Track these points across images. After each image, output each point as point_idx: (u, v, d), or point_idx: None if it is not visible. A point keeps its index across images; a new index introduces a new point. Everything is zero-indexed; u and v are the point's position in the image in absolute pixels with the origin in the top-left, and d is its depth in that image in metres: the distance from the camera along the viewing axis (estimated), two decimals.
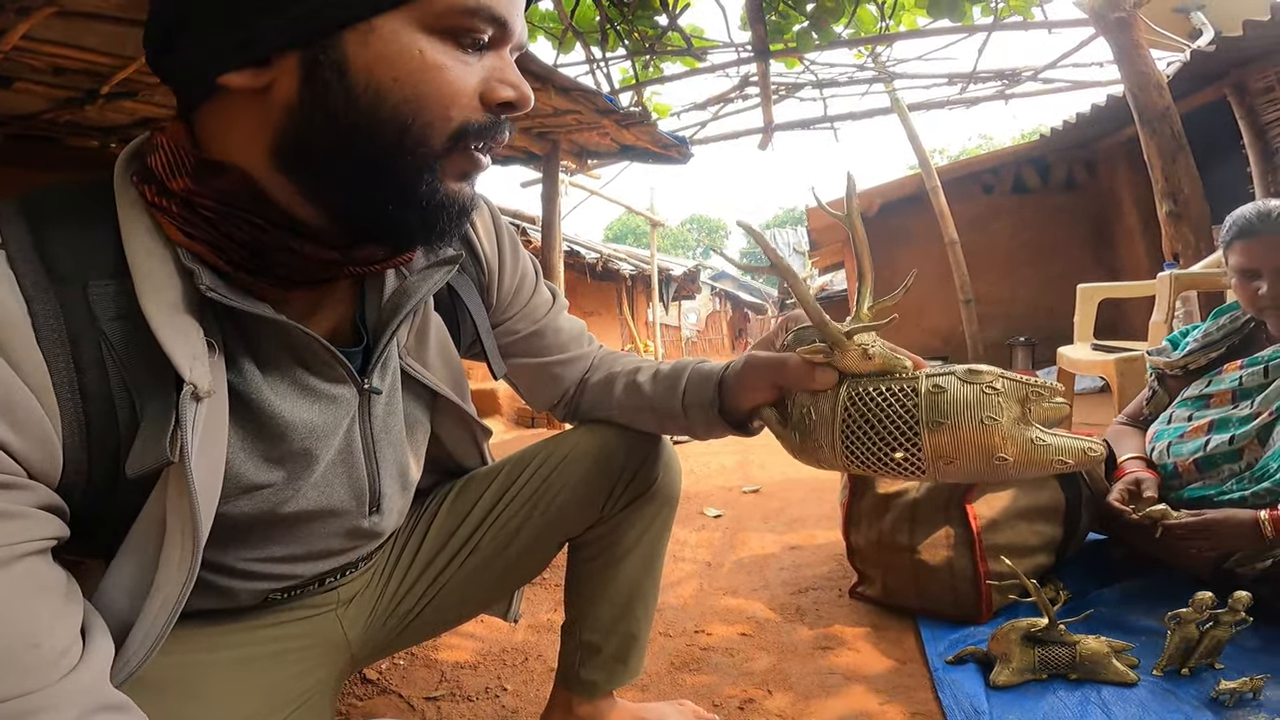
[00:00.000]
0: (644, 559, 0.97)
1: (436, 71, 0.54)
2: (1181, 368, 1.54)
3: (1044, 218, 5.97)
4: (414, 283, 0.70)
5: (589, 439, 0.92)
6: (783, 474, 2.98)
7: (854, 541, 1.55)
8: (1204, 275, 2.37)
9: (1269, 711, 0.98)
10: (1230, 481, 1.33)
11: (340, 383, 0.67)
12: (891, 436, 0.64)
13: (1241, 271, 1.40)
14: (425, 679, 1.28)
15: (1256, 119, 3.76)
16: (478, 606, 0.98)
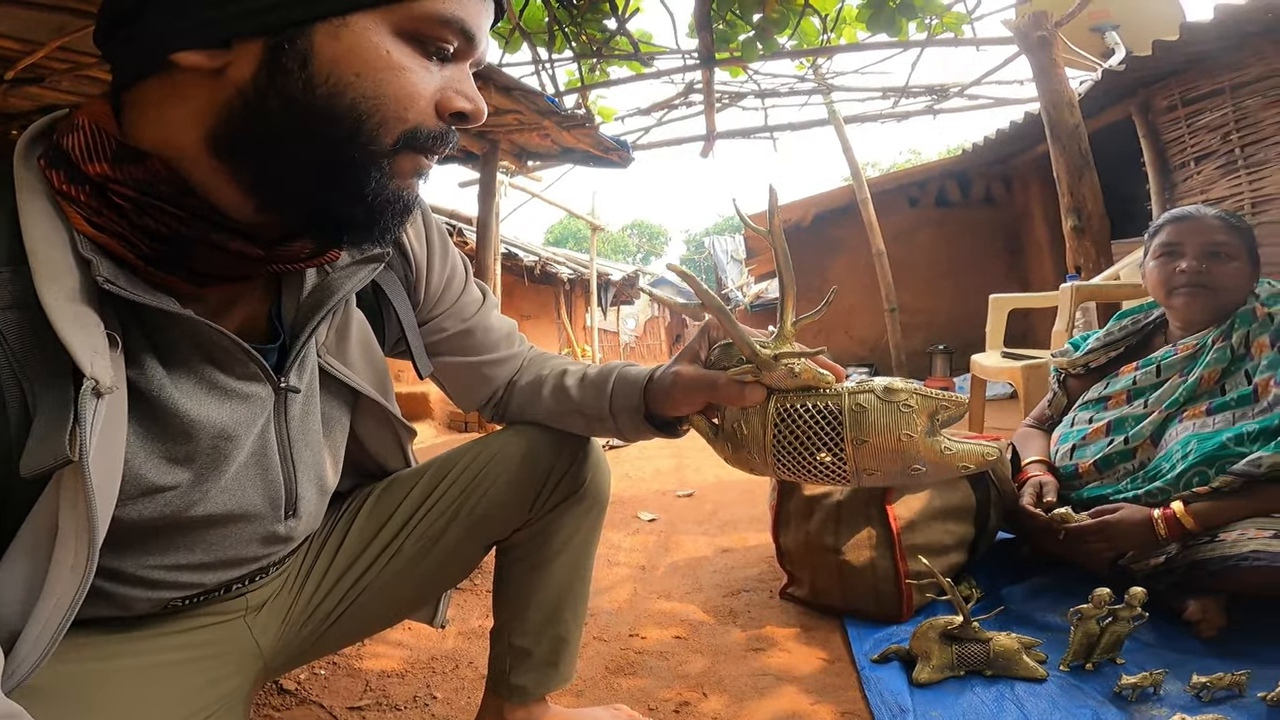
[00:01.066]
0: (573, 561, 0.96)
1: (400, 73, 0.55)
2: (1083, 365, 1.63)
3: (964, 231, 6.25)
4: (337, 279, 0.69)
5: (517, 440, 0.91)
6: (716, 477, 3.03)
7: (783, 543, 1.59)
8: (1101, 287, 2.54)
9: (1169, 705, 1.03)
10: (1125, 481, 1.42)
11: (254, 381, 0.65)
12: (818, 450, 0.68)
13: (1167, 249, 1.44)
14: (349, 688, 1.24)
15: (1158, 137, 3.93)
16: (402, 611, 0.96)
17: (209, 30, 0.51)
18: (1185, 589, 1.27)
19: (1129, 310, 1.63)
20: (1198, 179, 3.70)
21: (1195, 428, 1.36)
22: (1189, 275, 1.41)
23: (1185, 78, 3.63)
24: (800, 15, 3.43)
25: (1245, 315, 1.39)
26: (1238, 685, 1.03)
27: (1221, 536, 1.22)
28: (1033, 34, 3.10)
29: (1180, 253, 1.43)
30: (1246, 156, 3.37)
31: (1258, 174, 3.33)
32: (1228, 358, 1.39)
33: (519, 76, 3.13)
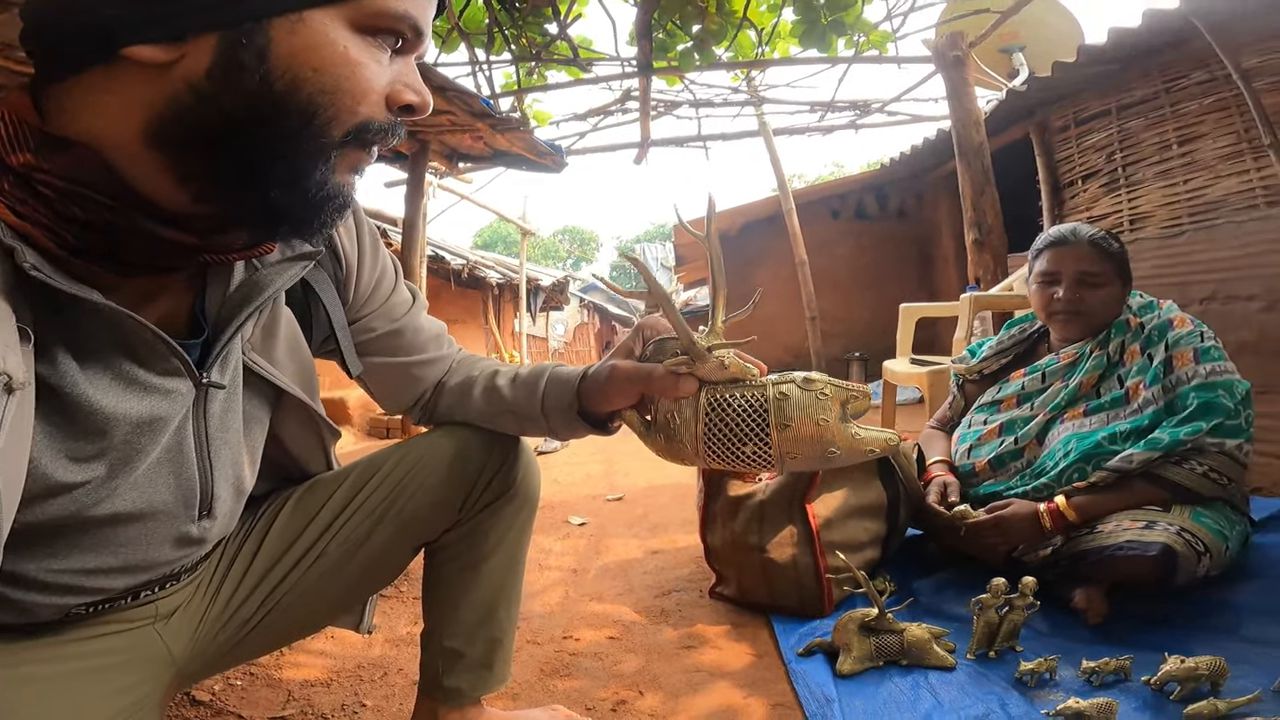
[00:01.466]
0: (505, 561, 0.96)
1: (356, 67, 0.56)
2: (978, 371, 1.76)
3: (880, 243, 6.53)
4: (266, 275, 0.68)
5: (447, 440, 0.91)
6: (646, 481, 3.07)
7: (710, 543, 1.64)
8: (996, 297, 2.73)
9: (1064, 690, 1.10)
10: (1016, 478, 1.55)
11: (174, 375, 0.63)
12: (746, 436, 0.74)
13: (1045, 275, 1.56)
14: (269, 699, 1.21)
15: (1051, 156, 4.14)
16: (325, 616, 0.94)
17: (164, 25, 0.51)
18: (1071, 579, 1.37)
19: (1016, 320, 1.77)
20: (1083, 197, 3.88)
21: (1075, 428, 1.49)
22: (1064, 304, 1.53)
23: (1078, 99, 3.80)
24: (738, 28, 3.54)
25: (1120, 325, 1.53)
26: (1123, 670, 1.12)
27: (1100, 528, 1.34)
28: (949, 53, 3.26)
29: (1056, 280, 1.54)
30: (1127, 176, 3.55)
31: (1135, 192, 3.51)
32: (1104, 364, 1.52)
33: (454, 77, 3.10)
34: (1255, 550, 1.49)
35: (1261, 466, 2.30)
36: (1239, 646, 1.19)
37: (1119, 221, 3.62)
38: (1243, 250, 2.60)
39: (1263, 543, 1.55)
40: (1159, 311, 1.51)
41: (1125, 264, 1.55)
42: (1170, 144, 3.26)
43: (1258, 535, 1.56)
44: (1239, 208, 2.89)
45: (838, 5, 3.45)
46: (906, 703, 1.12)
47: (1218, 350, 1.44)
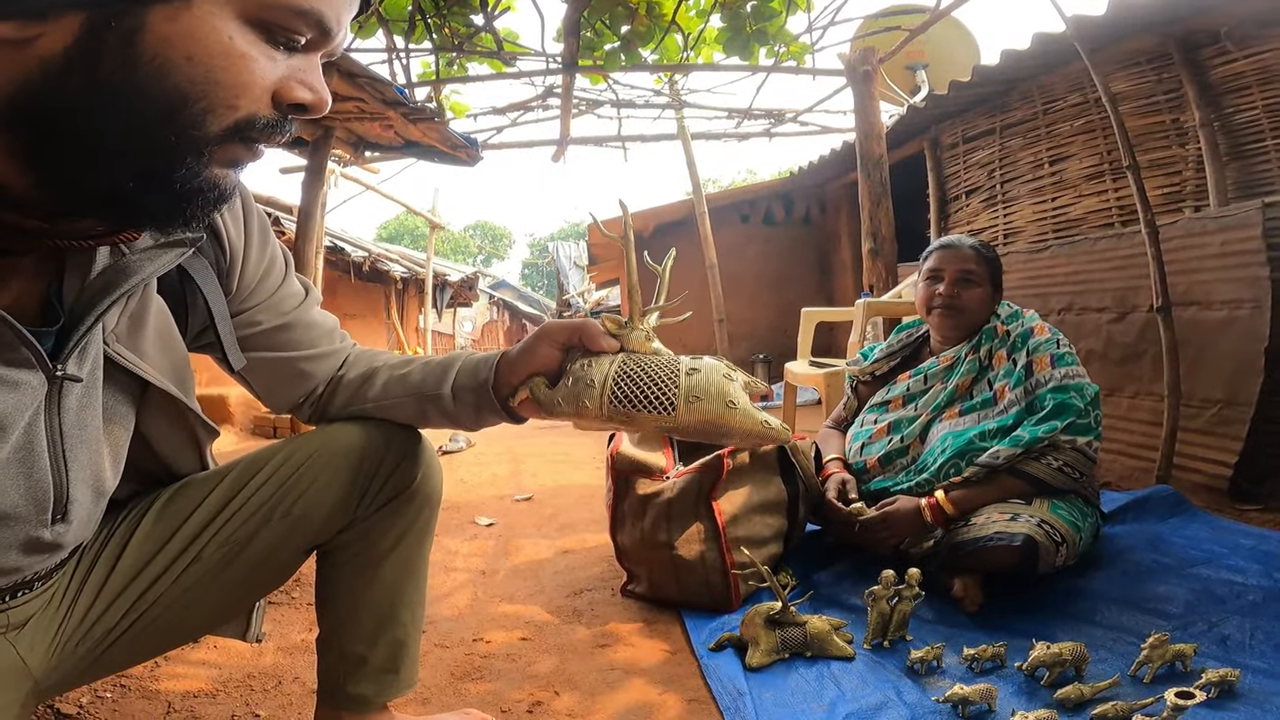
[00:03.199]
0: (406, 561, 0.93)
1: (238, 60, 0.52)
2: (870, 374, 1.90)
3: (785, 248, 6.78)
4: (135, 261, 0.64)
5: (340, 435, 0.87)
6: (554, 481, 3.05)
7: (620, 542, 1.66)
8: (887, 303, 2.90)
9: (950, 676, 1.18)
10: (902, 474, 1.67)
11: (23, 367, 0.58)
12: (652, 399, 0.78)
13: (931, 272, 1.73)
14: (145, 711, 1.13)
15: (941, 171, 4.43)
16: (203, 625, 0.89)
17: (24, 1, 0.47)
18: (951, 569, 1.48)
19: (904, 325, 1.94)
20: (965, 211, 4.18)
21: (950, 427, 1.64)
22: (944, 298, 1.69)
23: (968, 118, 4.07)
24: (665, 32, 3.57)
25: (989, 332, 1.69)
26: (998, 656, 1.20)
27: (973, 521, 1.45)
28: (860, 68, 3.39)
29: (941, 277, 1.71)
30: (1004, 192, 3.85)
31: (1011, 208, 3.81)
32: (976, 368, 1.68)
33: (369, 63, 2.97)
34: (1106, 541, 1.67)
35: (1108, 462, 2.56)
36: (1097, 633, 1.31)
37: (994, 235, 3.91)
38: (1097, 265, 2.85)
39: (1112, 533, 1.74)
40: (1023, 320, 1.69)
41: (998, 271, 1.74)
42: (1043, 163, 3.54)
43: (1107, 527, 1.74)
44: (1096, 225, 3.19)
45: (762, 15, 3.56)
46: (812, 693, 1.17)
47: (1071, 356, 1.60)
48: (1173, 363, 2.19)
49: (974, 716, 1.07)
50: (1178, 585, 1.44)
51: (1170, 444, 2.19)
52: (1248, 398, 2.15)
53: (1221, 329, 2.28)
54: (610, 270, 8.82)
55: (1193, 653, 1.15)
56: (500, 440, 4.58)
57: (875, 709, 1.10)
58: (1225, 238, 2.28)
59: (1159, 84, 2.86)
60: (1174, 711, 0.96)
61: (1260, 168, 2.53)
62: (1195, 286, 2.36)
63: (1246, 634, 1.25)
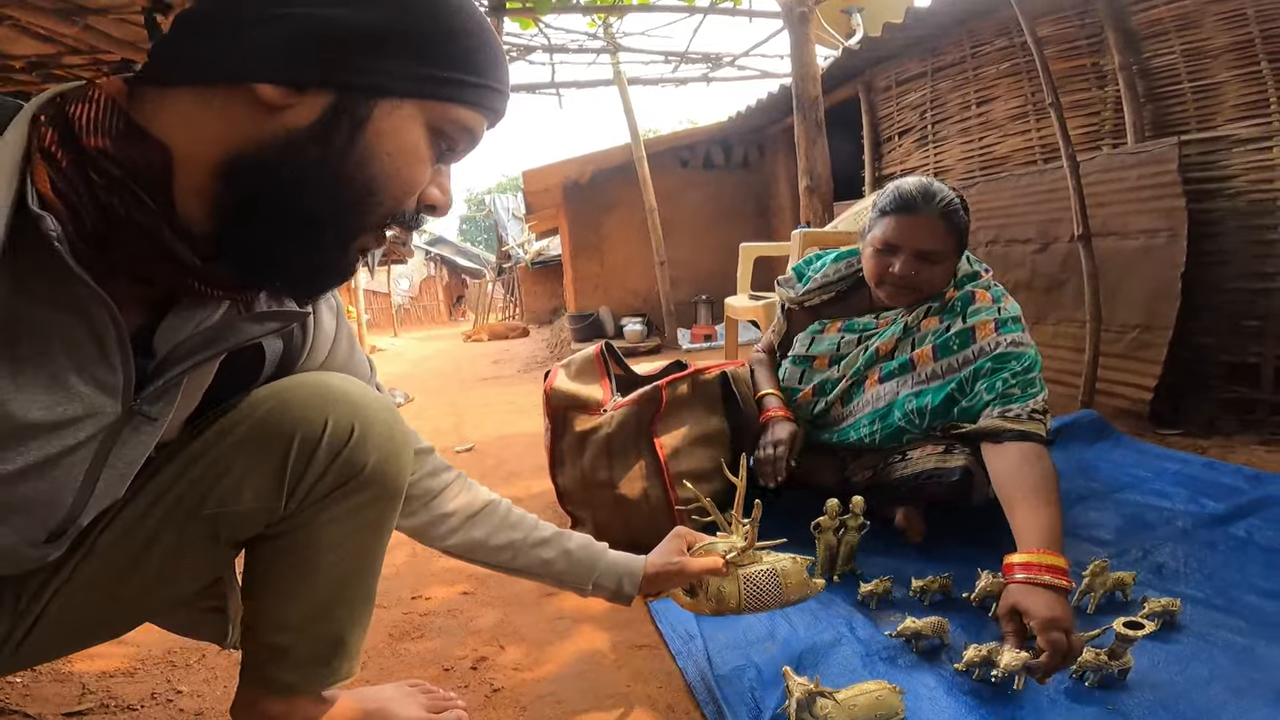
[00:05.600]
0: (349, 561, 0.80)
1: (420, 163, 0.61)
2: (799, 304, 1.67)
3: (725, 192, 6.78)
4: (245, 323, 0.65)
5: (265, 410, 0.72)
6: (499, 431, 3.00)
7: (561, 483, 1.62)
8: (824, 233, 2.91)
9: (900, 609, 1.17)
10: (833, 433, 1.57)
11: (104, 391, 0.58)
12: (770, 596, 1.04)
13: (884, 244, 1.42)
14: (60, 694, 1.06)
15: (875, 113, 4.52)
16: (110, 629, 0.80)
17: (294, 71, 0.54)
18: (891, 500, 1.48)
19: (845, 252, 1.65)
20: (898, 151, 4.30)
21: (871, 399, 1.50)
22: (898, 278, 1.42)
23: (900, 61, 4.15)
24: None
25: (937, 296, 1.46)
26: (945, 588, 1.20)
27: (910, 455, 1.43)
28: (796, 9, 3.38)
29: (894, 251, 1.41)
30: (935, 133, 3.97)
31: (940, 148, 3.94)
32: (901, 330, 1.48)
33: None
34: None
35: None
36: None
37: (926, 172, 4.02)
38: (1021, 200, 2.96)
39: None
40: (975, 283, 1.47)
41: (966, 236, 1.45)
42: (971, 104, 3.69)
43: None
44: (1020, 163, 3.37)
45: None
46: (765, 632, 1.16)
47: (1016, 324, 1.41)
48: (1093, 289, 2.27)
49: (927, 650, 1.07)
50: (1108, 511, 1.47)
51: (1093, 369, 2.27)
52: (1165, 322, 2.24)
53: (1139, 257, 2.38)
54: (547, 219, 8.62)
55: (1133, 581, 1.16)
56: (444, 393, 4.48)
57: (829, 646, 1.09)
58: (1142, 171, 2.38)
59: (1082, 29, 2.99)
60: (1122, 643, 0.95)
61: (1175, 109, 2.66)
62: (1113, 218, 2.47)
63: (1180, 561, 1.28)
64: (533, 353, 7.15)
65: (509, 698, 1.05)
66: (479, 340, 9.89)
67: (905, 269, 1.41)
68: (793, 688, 0.91)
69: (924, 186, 1.40)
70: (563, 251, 7.25)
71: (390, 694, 0.96)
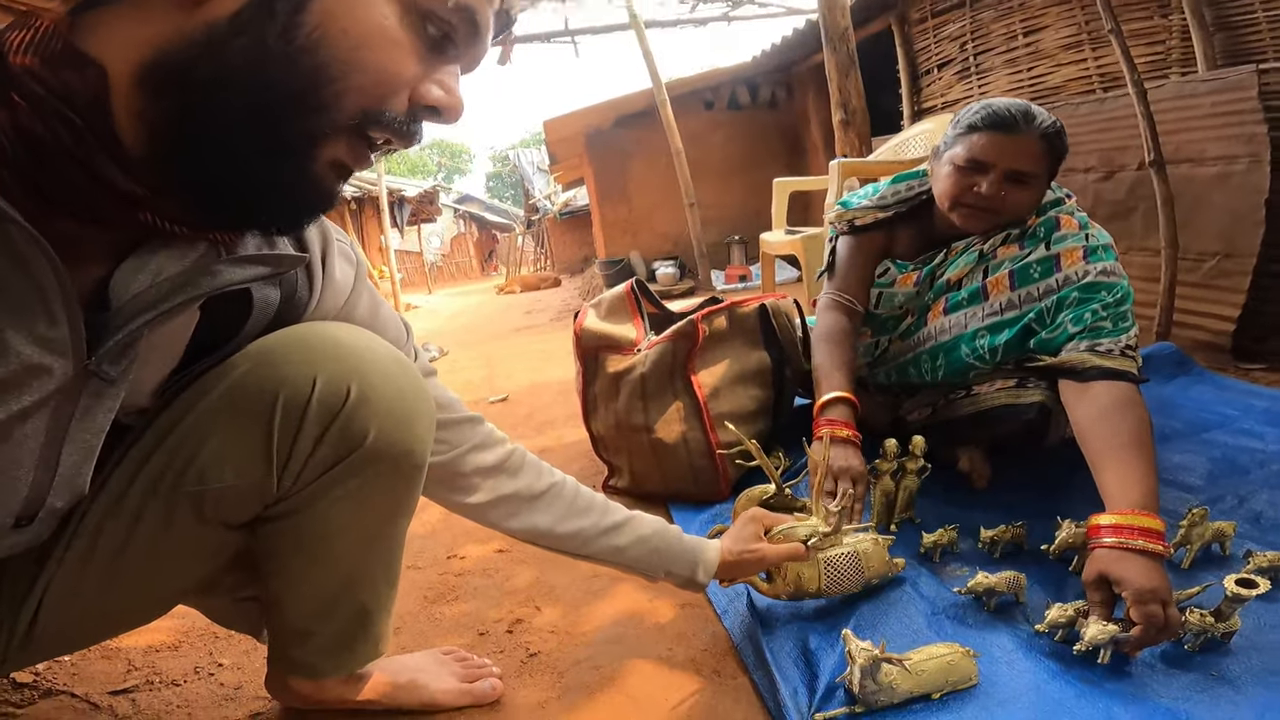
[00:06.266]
0: (364, 540, 0.73)
1: (389, 44, 0.49)
2: (849, 222, 1.48)
3: (753, 132, 6.60)
4: (224, 267, 0.55)
5: (238, 370, 0.62)
6: (531, 380, 2.95)
7: (595, 430, 1.55)
8: (864, 163, 2.78)
9: (968, 563, 1.08)
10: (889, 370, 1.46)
11: (53, 350, 0.49)
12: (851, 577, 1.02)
13: (971, 162, 1.26)
14: (106, 672, 1.03)
15: (910, 46, 4.39)
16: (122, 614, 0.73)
17: None
18: (953, 441, 1.37)
19: (903, 175, 1.48)
20: (939, 84, 4.18)
21: (935, 330, 1.36)
22: (984, 199, 1.26)
23: None
24: None
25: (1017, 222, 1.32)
26: (1019, 539, 1.09)
27: (975, 390, 1.31)
28: None
29: (983, 170, 1.25)
30: (978, 64, 3.85)
31: (985, 79, 3.82)
32: (976, 258, 1.33)
33: None
34: None
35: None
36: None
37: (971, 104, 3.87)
38: (1080, 129, 2.78)
39: None
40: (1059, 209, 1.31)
41: (1059, 164, 1.30)
42: (1017, 34, 3.58)
43: None
44: (1076, 93, 3.25)
45: None
46: None
47: (1108, 250, 1.26)
48: (1168, 215, 2.12)
49: (1000, 609, 0.97)
50: (1196, 453, 1.33)
51: (1170, 297, 2.12)
52: (1249, 249, 2.08)
53: (1216, 184, 2.22)
54: (571, 169, 8.45)
55: (1232, 531, 1.03)
56: (475, 346, 4.46)
57: (890, 604, 1.00)
58: (1217, 99, 2.23)
59: None
60: (1232, 603, 0.83)
61: (1250, 38, 2.54)
62: (1186, 145, 2.32)
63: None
64: (565, 301, 7.10)
65: (546, 663, 0.99)
66: (511, 293, 9.86)
67: (993, 189, 1.25)
68: (854, 653, 0.81)
69: (1023, 106, 1.26)
70: (590, 199, 7.15)
71: (422, 664, 0.92)
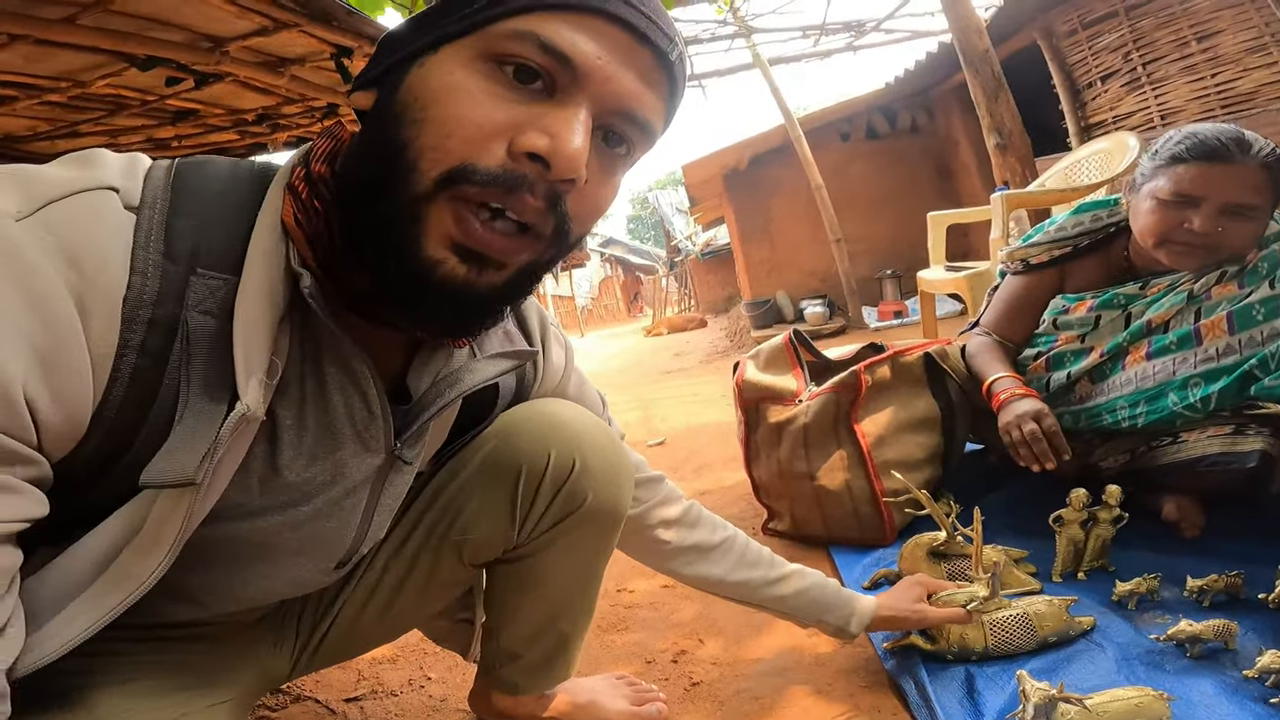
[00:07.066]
0: (573, 581, 0.87)
1: (454, 95, 0.47)
2: (1022, 260, 1.45)
3: (895, 160, 6.37)
4: (479, 365, 0.66)
5: (500, 450, 0.78)
6: (686, 423, 3.03)
7: (756, 476, 1.58)
8: (1032, 194, 2.60)
9: (1170, 611, 1.00)
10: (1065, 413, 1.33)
11: (370, 448, 0.62)
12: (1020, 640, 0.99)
13: (1176, 196, 1.17)
14: (342, 681, 1.21)
15: (1063, 60, 4.11)
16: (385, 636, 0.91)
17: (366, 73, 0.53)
18: (1156, 488, 1.26)
19: (1089, 204, 1.41)
20: (1106, 97, 3.91)
21: (1136, 376, 1.25)
22: (1197, 235, 1.16)
23: (1080, 2, 3.83)
24: None
25: (1234, 259, 1.20)
26: (1234, 587, 1.01)
27: (1184, 437, 1.20)
28: None
29: (1194, 204, 1.16)
30: (1149, 74, 3.59)
31: (1161, 89, 3.56)
32: (1185, 298, 1.22)
33: None
34: None
35: None
36: None
37: (1149, 117, 3.70)
38: None
39: None
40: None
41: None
42: (1188, 40, 3.36)
43: None
44: (1272, 97, 3.01)
45: None
46: None
47: None
48: None
49: (1204, 655, 0.89)
50: None
51: None
52: None
53: None
54: (711, 210, 8.61)
55: None
56: (629, 389, 4.64)
57: (1073, 650, 0.96)
58: None
59: None
60: None
61: None
62: None
63: None
64: (712, 343, 7.17)
65: (707, 692, 1.05)
66: (658, 334, 10.10)
67: (1208, 225, 1.15)
68: (1029, 691, 0.78)
69: (1234, 133, 1.16)
70: (731, 239, 7.22)
71: (599, 687, 1.02)
